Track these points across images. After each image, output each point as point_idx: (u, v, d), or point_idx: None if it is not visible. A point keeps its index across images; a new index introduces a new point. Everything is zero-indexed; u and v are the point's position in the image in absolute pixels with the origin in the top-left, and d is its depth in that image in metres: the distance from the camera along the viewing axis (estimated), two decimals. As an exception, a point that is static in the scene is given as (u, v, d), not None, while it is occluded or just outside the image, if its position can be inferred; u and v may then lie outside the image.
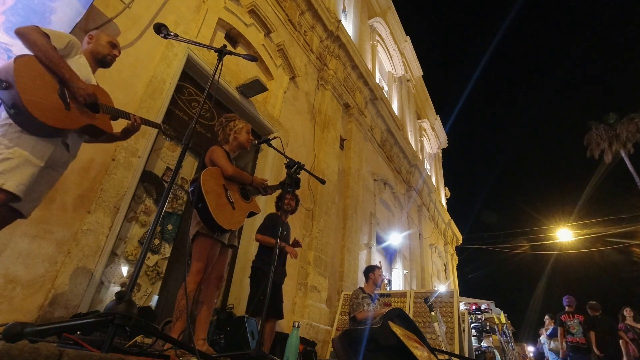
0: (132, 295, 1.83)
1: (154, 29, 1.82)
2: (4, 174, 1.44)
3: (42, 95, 1.52)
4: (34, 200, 1.63)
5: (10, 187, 1.43)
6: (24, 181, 1.47)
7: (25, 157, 1.49)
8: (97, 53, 1.93)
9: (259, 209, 2.44)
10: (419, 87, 14.06)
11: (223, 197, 2.12)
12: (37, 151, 1.53)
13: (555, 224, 15.32)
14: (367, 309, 3.74)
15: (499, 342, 7.44)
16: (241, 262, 4.13)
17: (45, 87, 1.55)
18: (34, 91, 1.49)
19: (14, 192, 1.43)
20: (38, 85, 1.52)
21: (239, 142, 2.43)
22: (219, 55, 1.78)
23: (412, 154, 10.51)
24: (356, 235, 6.63)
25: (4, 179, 1.43)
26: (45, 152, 1.56)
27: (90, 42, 1.93)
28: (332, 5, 7.16)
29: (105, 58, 1.95)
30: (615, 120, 18.23)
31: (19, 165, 1.47)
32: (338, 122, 6.73)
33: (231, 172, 2.22)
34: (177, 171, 1.49)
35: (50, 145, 1.59)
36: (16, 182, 1.44)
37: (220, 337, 2.97)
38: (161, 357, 1.34)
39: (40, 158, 1.54)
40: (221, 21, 4.44)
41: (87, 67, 1.83)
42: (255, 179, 2.37)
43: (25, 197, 1.54)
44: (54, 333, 0.98)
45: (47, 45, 1.55)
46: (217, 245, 2.19)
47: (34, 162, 1.52)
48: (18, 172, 1.46)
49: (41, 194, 1.67)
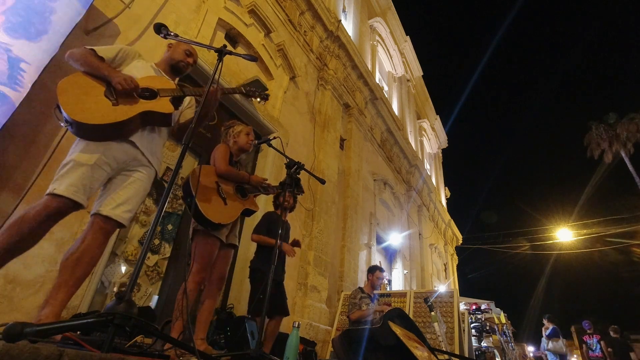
0: (132, 295, 1.83)
1: (154, 29, 1.81)
2: (58, 180, 1.47)
3: (88, 101, 1.54)
4: (122, 205, 1.59)
5: (60, 191, 1.43)
6: (74, 182, 1.46)
7: (75, 160, 1.50)
8: (171, 59, 1.98)
9: (257, 207, 2.44)
10: (419, 87, 14.06)
11: (214, 192, 2.14)
12: (87, 151, 1.52)
13: (555, 224, 15.34)
14: (365, 308, 3.74)
15: (499, 342, 7.43)
16: (241, 262, 4.13)
17: (90, 93, 1.57)
18: (78, 102, 1.53)
19: (64, 195, 1.42)
20: (81, 94, 1.55)
21: (239, 146, 2.47)
22: (219, 55, 1.77)
23: (412, 154, 10.51)
24: (356, 235, 6.64)
25: (55, 184, 1.45)
26: (94, 150, 1.53)
27: (169, 51, 2.01)
28: (332, 5, 7.16)
29: (179, 64, 1.98)
30: (615, 120, 18.23)
31: (69, 170, 1.48)
32: (338, 122, 6.73)
33: (223, 170, 2.23)
34: (177, 171, 1.49)
35: (102, 144, 1.56)
36: (65, 185, 1.44)
37: (220, 337, 2.97)
38: (161, 357, 1.34)
39: (88, 156, 1.52)
40: (221, 21, 4.44)
41: (147, 69, 1.83)
42: (253, 178, 2.38)
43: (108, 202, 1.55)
44: (54, 333, 0.98)
45: (88, 55, 1.62)
46: (215, 243, 2.18)
47: (82, 161, 1.50)
48: (68, 175, 1.47)
49: (128, 198, 1.62)
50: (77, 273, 1.46)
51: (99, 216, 1.55)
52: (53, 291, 1.41)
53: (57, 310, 1.38)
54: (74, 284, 1.45)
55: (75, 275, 1.45)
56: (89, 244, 1.50)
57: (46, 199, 1.43)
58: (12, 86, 2.15)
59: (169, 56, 1.99)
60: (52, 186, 1.45)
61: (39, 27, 2.29)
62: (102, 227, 1.55)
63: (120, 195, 1.60)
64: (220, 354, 2.11)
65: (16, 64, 2.16)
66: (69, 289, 1.44)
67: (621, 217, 14.04)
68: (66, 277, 1.43)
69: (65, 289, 1.42)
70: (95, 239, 1.53)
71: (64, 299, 1.42)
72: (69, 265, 1.45)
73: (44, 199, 1.43)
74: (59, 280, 1.43)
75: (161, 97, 1.74)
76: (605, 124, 18.58)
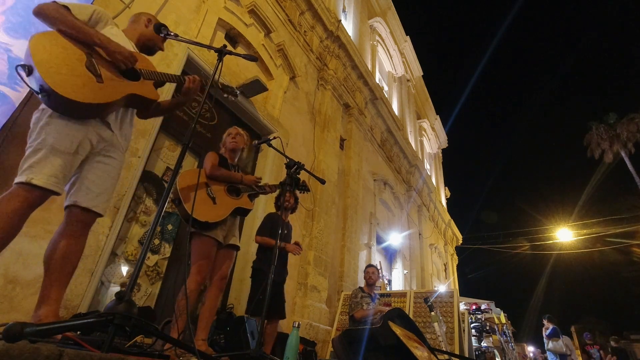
0: (132, 295, 1.83)
1: (154, 29, 1.81)
2: (33, 168, 1.31)
3: (68, 71, 1.34)
4: (100, 195, 1.50)
5: (39, 182, 1.29)
6: (55, 172, 1.32)
7: (52, 145, 1.34)
8: (147, 39, 1.82)
9: (251, 205, 2.45)
10: (419, 87, 14.06)
11: (203, 192, 2.18)
12: (65, 137, 1.37)
13: (555, 224, 15.35)
14: (366, 308, 3.75)
15: (499, 342, 7.43)
16: (241, 262, 4.13)
17: (70, 61, 1.37)
18: (58, 68, 1.31)
19: (45, 187, 1.30)
20: (61, 60, 1.34)
21: (227, 148, 2.60)
22: (219, 55, 1.77)
23: (412, 154, 10.51)
24: (356, 235, 6.63)
25: (33, 174, 1.29)
26: (76, 136, 1.40)
27: (148, 26, 1.83)
28: (332, 5, 7.16)
29: (155, 47, 1.87)
30: (616, 120, 18.24)
31: (47, 156, 1.32)
32: (338, 122, 6.73)
33: (209, 172, 2.29)
34: (177, 171, 1.49)
35: (82, 127, 1.42)
36: (45, 175, 1.30)
37: (220, 337, 2.97)
38: (161, 357, 1.34)
39: (69, 144, 1.38)
40: (221, 21, 4.44)
41: (122, 38, 1.65)
42: (246, 177, 2.41)
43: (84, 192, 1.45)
44: (54, 333, 0.98)
45: (67, 14, 1.42)
46: (209, 243, 2.19)
47: (61, 149, 1.35)
48: (47, 163, 1.32)
49: (106, 188, 1.53)
50: (66, 269, 1.43)
51: (78, 208, 1.45)
52: (45, 290, 1.37)
53: (55, 308, 1.37)
54: (65, 280, 1.43)
55: (65, 272, 1.42)
56: (71, 238, 1.44)
57: (24, 190, 1.30)
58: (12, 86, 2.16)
59: (146, 34, 1.81)
60: (28, 174, 1.30)
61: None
62: (82, 219, 1.47)
63: (98, 184, 1.50)
64: (220, 354, 2.11)
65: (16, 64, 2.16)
66: (61, 286, 1.41)
67: (621, 217, 14.06)
68: (57, 275, 1.39)
69: (57, 286, 1.39)
70: (76, 232, 1.46)
71: (58, 296, 1.39)
72: (57, 263, 1.39)
73: (21, 190, 1.29)
74: (49, 279, 1.38)
75: (145, 79, 1.61)
76: (606, 124, 18.58)
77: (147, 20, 1.85)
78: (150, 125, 3.20)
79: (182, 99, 1.82)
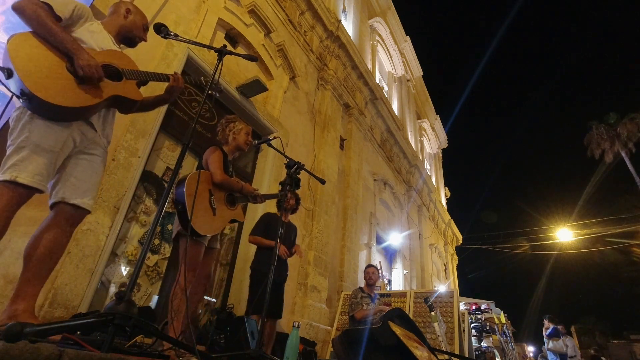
0: (132, 295, 1.83)
1: (154, 29, 1.80)
2: (17, 166, 1.30)
3: (49, 74, 1.32)
4: (88, 192, 1.51)
5: (24, 180, 1.28)
6: (40, 170, 1.32)
7: (36, 143, 1.33)
8: (127, 30, 1.78)
9: (243, 217, 2.47)
10: (419, 87, 14.05)
11: (206, 201, 2.11)
12: (50, 135, 1.36)
13: (555, 224, 15.35)
14: (366, 308, 3.75)
15: (499, 342, 7.44)
16: (241, 262, 4.13)
17: (51, 64, 1.35)
18: (38, 71, 1.30)
19: (30, 185, 1.30)
20: (42, 63, 1.32)
21: (237, 144, 2.47)
22: (219, 55, 1.77)
23: (412, 154, 10.51)
24: (356, 235, 6.63)
25: (17, 172, 1.28)
26: (60, 135, 1.39)
27: (128, 17, 1.79)
28: (332, 5, 7.16)
29: (135, 39, 1.84)
30: (616, 120, 18.24)
31: (31, 154, 1.32)
32: (338, 122, 6.73)
33: (219, 180, 2.21)
34: (177, 171, 1.49)
35: (66, 127, 1.42)
36: (31, 173, 1.30)
37: (220, 337, 2.97)
38: (161, 357, 1.34)
39: (53, 142, 1.37)
40: (221, 21, 4.43)
41: (102, 34, 1.64)
42: (244, 187, 2.37)
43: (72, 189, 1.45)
44: (54, 333, 0.98)
45: (44, 18, 1.36)
46: (202, 248, 2.20)
47: (46, 147, 1.35)
48: (32, 161, 1.31)
49: (93, 184, 1.55)
50: (49, 265, 1.42)
51: (67, 205, 1.46)
52: (23, 285, 1.35)
53: (32, 304, 1.36)
54: (45, 275, 1.42)
55: (47, 268, 1.42)
56: (57, 235, 1.43)
57: (8, 188, 1.28)
58: (12, 86, 2.15)
59: (125, 25, 1.77)
60: (12, 172, 1.29)
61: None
62: (71, 216, 1.47)
63: (84, 180, 1.51)
64: (220, 354, 2.11)
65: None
66: (40, 282, 1.40)
67: (621, 217, 14.06)
68: (37, 271, 1.38)
69: (36, 282, 1.38)
70: (63, 228, 1.46)
71: (35, 292, 1.38)
72: (40, 259, 1.38)
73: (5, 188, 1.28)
74: (29, 273, 1.37)
75: (127, 79, 1.60)
76: (606, 124, 18.58)
77: (126, 10, 1.80)
78: (150, 125, 3.20)
79: (165, 97, 1.84)
